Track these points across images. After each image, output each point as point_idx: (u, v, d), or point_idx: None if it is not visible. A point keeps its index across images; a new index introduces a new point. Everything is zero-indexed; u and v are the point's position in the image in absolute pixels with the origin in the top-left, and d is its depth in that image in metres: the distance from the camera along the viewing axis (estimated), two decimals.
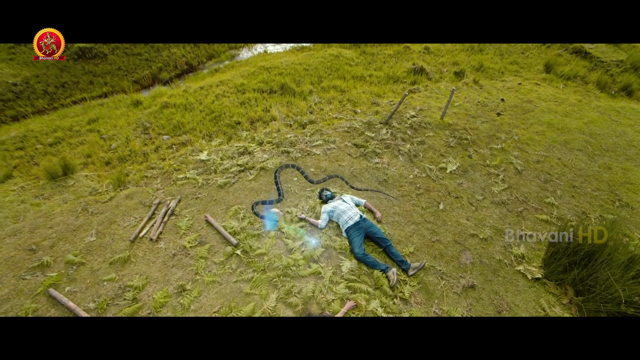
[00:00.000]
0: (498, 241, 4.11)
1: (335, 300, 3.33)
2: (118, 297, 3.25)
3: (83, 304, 3.17)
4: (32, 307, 3.10)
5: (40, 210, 4.19)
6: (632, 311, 3.16)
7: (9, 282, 3.31)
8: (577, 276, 3.52)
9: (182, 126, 6.27)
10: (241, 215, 4.18)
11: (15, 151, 5.98)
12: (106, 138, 6.12)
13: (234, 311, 3.15)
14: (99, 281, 3.38)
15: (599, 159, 5.44)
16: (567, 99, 7.04)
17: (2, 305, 3.11)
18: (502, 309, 3.45)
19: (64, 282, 3.36)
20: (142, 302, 3.21)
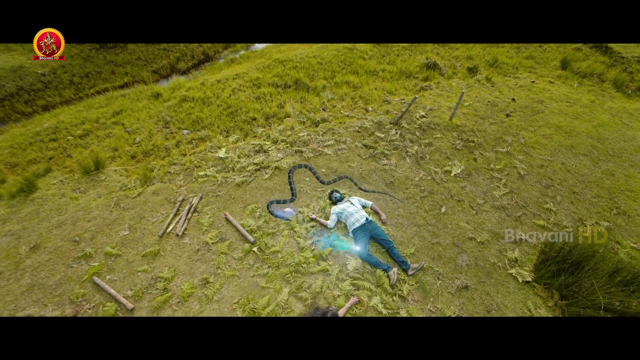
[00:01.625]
0: (494, 245, 4.41)
1: (340, 296, 3.74)
2: (151, 286, 3.74)
3: (122, 291, 3.68)
4: (80, 292, 3.63)
5: (79, 203, 4.68)
6: (610, 315, 3.47)
7: (60, 269, 3.83)
8: (563, 282, 3.82)
9: (200, 121, 6.62)
10: (257, 214, 4.58)
11: (50, 142, 6.47)
12: (130, 131, 6.53)
13: (251, 303, 3.61)
14: (134, 272, 3.87)
15: (603, 164, 5.57)
16: (580, 99, 7.04)
17: (57, 289, 3.64)
18: (492, 308, 3.81)
19: (104, 271, 3.87)
20: (172, 292, 3.70)
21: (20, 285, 3.66)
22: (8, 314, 3.39)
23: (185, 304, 3.61)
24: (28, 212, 4.49)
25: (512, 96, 7.03)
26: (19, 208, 4.54)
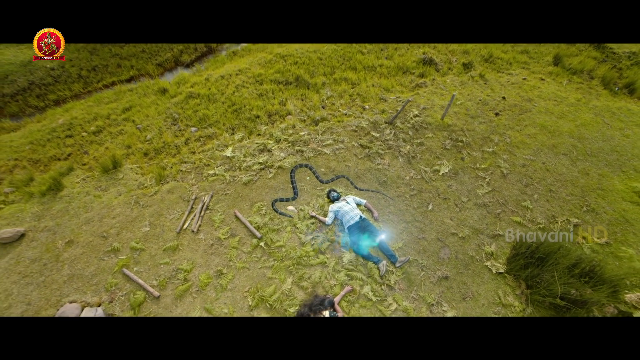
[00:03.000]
0: (474, 240, 4.97)
1: (336, 285, 4.35)
2: (173, 277, 4.34)
3: (148, 281, 4.28)
4: (113, 281, 4.23)
5: (102, 201, 5.21)
6: (564, 303, 4.06)
7: (93, 261, 4.42)
8: (530, 274, 4.40)
9: (207, 118, 7.03)
10: (263, 211, 5.12)
11: (66, 139, 6.91)
12: (141, 128, 6.96)
13: (260, 291, 4.21)
14: (157, 264, 4.46)
15: (580, 164, 6.03)
16: (567, 97, 7.40)
17: (93, 279, 4.24)
18: (467, 296, 4.42)
19: (131, 263, 4.45)
20: (191, 282, 4.30)
21: (61, 275, 4.25)
22: (55, 301, 4.01)
23: (203, 292, 4.21)
24: (59, 209, 5.03)
25: (503, 94, 7.38)
26: (50, 205, 5.08)
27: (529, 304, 4.31)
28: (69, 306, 3.93)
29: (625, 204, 5.39)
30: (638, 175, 5.85)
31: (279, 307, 4.08)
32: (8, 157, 6.40)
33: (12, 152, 6.55)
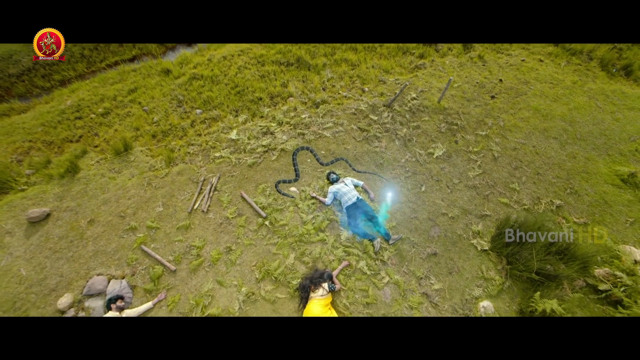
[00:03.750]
0: (463, 219, 5.38)
1: (334, 260, 4.81)
2: (187, 253, 4.80)
3: (165, 256, 4.74)
4: (133, 257, 4.69)
5: (117, 183, 5.58)
6: (538, 277, 4.52)
7: (114, 239, 4.86)
8: (511, 251, 4.84)
9: (211, 100, 7.24)
10: (267, 192, 5.49)
11: (76, 121, 7.18)
12: (148, 110, 7.20)
13: (266, 265, 4.68)
14: (172, 241, 4.90)
15: (569, 147, 6.31)
16: (564, 80, 7.53)
17: (115, 255, 4.71)
18: (453, 270, 4.89)
19: (149, 240, 4.90)
20: (203, 258, 4.76)
21: (87, 251, 4.71)
22: (84, 273, 4.49)
23: (215, 267, 4.69)
24: (77, 190, 5.42)
25: (501, 76, 7.52)
26: (69, 187, 5.46)
27: (507, 278, 4.79)
28: (97, 278, 4.42)
29: (607, 186, 5.73)
30: (623, 158, 6.15)
31: (283, 280, 4.57)
32: (22, 139, 6.71)
33: (26, 134, 6.84)
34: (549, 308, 4.05)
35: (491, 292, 4.69)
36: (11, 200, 5.17)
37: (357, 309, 4.42)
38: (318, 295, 4.16)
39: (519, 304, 4.59)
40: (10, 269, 4.48)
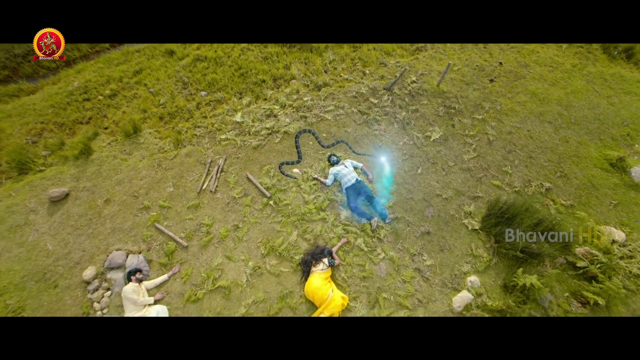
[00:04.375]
0: (456, 200, 5.69)
1: (334, 238, 5.18)
2: (197, 230, 5.17)
3: (177, 233, 5.12)
4: (148, 234, 5.08)
5: (129, 164, 5.88)
6: (522, 255, 4.89)
7: (129, 217, 5.23)
8: (499, 230, 5.19)
9: (215, 83, 7.40)
10: (271, 173, 5.79)
11: (84, 102, 7.38)
12: (154, 92, 7.37)
13: (270, 242, 5.06)
14: (183, 219, 5.27)
15: (563, 131, 6.51)
16: (564, 63, 7.59)
17: (131, 232, 5.09)
18: (445, 248, 5.26)
19: (161, 219, 5.27)
20: (213, 235, 5.14)
21: (105, 228, 5.10)
22: (104, 248, 4.90)
23: (223, 243, 5.08)
24: (92, 171, 5.73)
25: (501, 59, 7.58)
26: (84, 168, 5.77)
27: (495, 256, 5.17)
28: (116, 253, 4.82)
29: (596, 170, 5.99)
30: (614, 143, 6.37)
31: (286, 255, 4.97)
32: (35, 120, 6.96)
33: (37, 116, 7.07)
34: (529, 282, 4.44)
35: (479, 268, 5.09)
36: (32, 181, 5.50)
37: (355, 282, 4.84)
38: (319, 270, 4.56)
39: (503, 279, 4.99)
40: (38, 243, 4.88)
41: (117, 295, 4.61)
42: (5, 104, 7.61)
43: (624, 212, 5.50)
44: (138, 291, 4.42)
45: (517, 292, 4.70)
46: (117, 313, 4.52)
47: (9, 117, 7.10)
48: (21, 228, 5.00)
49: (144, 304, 4.43)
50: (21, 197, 5.30)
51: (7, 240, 4.87)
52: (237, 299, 4.68)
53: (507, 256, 5.10)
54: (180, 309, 4.59)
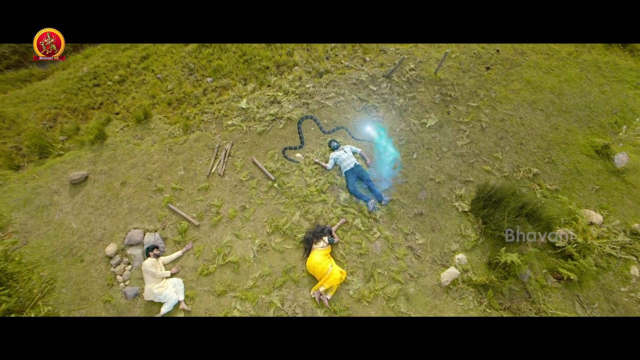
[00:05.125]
0: (448, 184, 6.08)
1: (333, 218, 5.62)
2: (207, 211, 5.61)
3: (189, 214, 5.56)
4: (162, 214, 5.52)
5: (142, 149, 6.26)
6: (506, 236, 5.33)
7: (144, 199, 5.67)
8: (486, 213, 5.60)
9: (221, 69, 7.65)
10: (275, 158, 6.17)
11: (95, 88, 7.67)
12: (161, 78, 7.65)
13: (275, 222, 5.50)
14: (194, 201, 5.70)
15: (553, 119, 6.81)
16: (560, 50, 7.77)
17: (147, 212, 5.54)
18: (436, 228, 5.70)
19: (174, 200, 5.70)
20: (222, 215, 5.58)
21: (123, 208, 5.54)
22: (123, 227, 5.36)
23: (232, 222, 5.53)
24: (108, 155, 6.12)
25: (498, 47, 7.77)
26: (100, 152, 6.16)
27: (481, 236, 5.61)
28: (134, 231, 5.29)
29: (582, 156, 6.34)
30: (601, 130, 6.68)
31: (290, 234, 5.42)
32: (48, 106, 7.29)
33: (50, 101, 7.40)
34: (510, 260, 4.89)
35: (466, 247, 5.54)
36: (52, 164, 5.91)
37: (352, 259, 5.32)
38: (319, 247, 5.03)
39: (488, 257, 5.45)
40: (63, 222, 5.35)
41: (137, 269, 5.11)
42: (19, 89, 7.92)
43: (604, 197, 5.89)
44: (156, 265, 4.90)
45: (499, 268, 5.17)
46: (138, 285, 5.03)
47: (24, 102, 7.43)
48: (47, 208, 5.46)
49: (162, 277, 4.91)
50: (44, 179, 5.73)
51: (35, 219, 5.33)
52: (245, 272, 5.17)
53: (493, 236, 5.54)
54: (194, 282, 5.10)
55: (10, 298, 4.34)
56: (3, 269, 4.50)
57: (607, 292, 5.04)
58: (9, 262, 4.66)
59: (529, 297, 5.14)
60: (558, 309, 5.01)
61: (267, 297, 4.98)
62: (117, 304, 4.90)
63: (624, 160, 6.11)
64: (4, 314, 4.13)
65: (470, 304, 5.14)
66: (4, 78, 8.22)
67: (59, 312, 4.74)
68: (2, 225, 5.21)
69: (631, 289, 5.04)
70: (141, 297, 4.93)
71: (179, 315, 4.81)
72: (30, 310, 4.43)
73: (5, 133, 6.77)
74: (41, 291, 4.72)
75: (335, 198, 5.82)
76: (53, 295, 4.82)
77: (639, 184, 5.96)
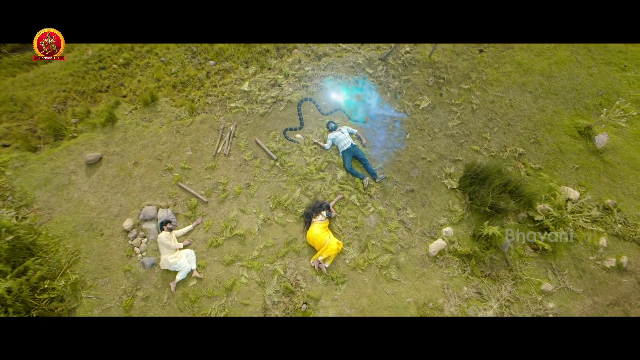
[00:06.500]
0: (438, 163, 6.50)
1: (331, 194, 6.08)
2: (215, 188, 6.07)
3: (198, 191, 6.02)
4: (173, 191, 5.98)
5: (150, 131, 6.63)
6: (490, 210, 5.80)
7: (156, 177, 6.10)
8: (473, 189, 6.06)
9: (222, 52, 7.87)
10: (277, 138, 6.55)
11: (100, 71, 7.92)
12: (165, 61, 7.89)
13: (277, 197, 5.97)
14: (202, 179, 6.14)
15: (541, 101, 7.14)
16: None
17: (158, 190, 5.99)
18: (426, 204, 6.18)
19: (183, 178, 6.14)
20: (228, 192, 6.04)
21: (136, 187, 5.99)
22: (137, 204, 5.83)
23: (237, 199, 5.99)
24: (119, 137, 6.50)
25: None
26: (111, 134, 6.53)
27: (467, 211, 6.10)
28: (148, 208, 5.76)
29: (565, 137, 6.73)
30: (586, 112, 7.03)
31: (291, 209, 5.90)
32: (57, 89, 7.57)
33: (59, 84, 7.67)
34: (491, 232, 5.40)
35: (453, 221, 6.04)
36: (68, 146, 6.30)
37: (348, 231, 5.83)
38: (318, 220, 5.52)
39: (473, 230, 5.96)
40: (82, 200, 5.81)
41: (153, 241, 5.62)
42: (27, 72, 8.17)
43: (583, 175, 6.34)
44: (170, 238, 5.40)
45: (482, 240, 5.68)
46: (153, 256, 5.56)
47: (33, 85, 7.70)
48: (66, 187, 5.90)
49: (176, 249, 5.43)
50: (61, 160, 6.14)
51: (57, 197, 5.79)
52: (250, 244, 5.69)
53: (479, 211, 6.02)
54: (204, 252, 5.62)
55: (42, 267, 4.86)
56: (33, 241, 5.00)
57: (577, 261, 5.60)
58: (37, 236, 5.16)
59: (507, 265, 5.70)
60: (533, 275, 5.57)
61: (271, 265, 5.53)
62: (136, 272, 5.44)
63: (604, 140, 6.50)
64: (40, 280, 4.67)
65: (455, 272, 5.70)
66: (11, 61, 8.42)
67: (85, 279, 5.29)
68: (27, 202, 5.68)
69: (598, 258, 5.58)
70: (157, 267, 5.46)
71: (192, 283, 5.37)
72: (61, 278, 4.97)
73: (19, 116, 7.11)
74: (68, 261, 5.25)
75: (333, 176, 6.26)
76: (79, 265, 5.36)
77: (616, 163, 6.39)
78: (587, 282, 5.57)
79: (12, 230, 4.75)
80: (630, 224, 5.82)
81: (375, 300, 5.40)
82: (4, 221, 4.80)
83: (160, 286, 5.38)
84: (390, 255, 5.72)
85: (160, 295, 5.34)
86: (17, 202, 5.71)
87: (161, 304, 5.29)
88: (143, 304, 5.26)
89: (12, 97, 7.35)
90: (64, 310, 4.90)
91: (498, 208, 5.86)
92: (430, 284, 5.58)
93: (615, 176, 6.31)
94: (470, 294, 5.53)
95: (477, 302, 5.46)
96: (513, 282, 5.58)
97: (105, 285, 5.33)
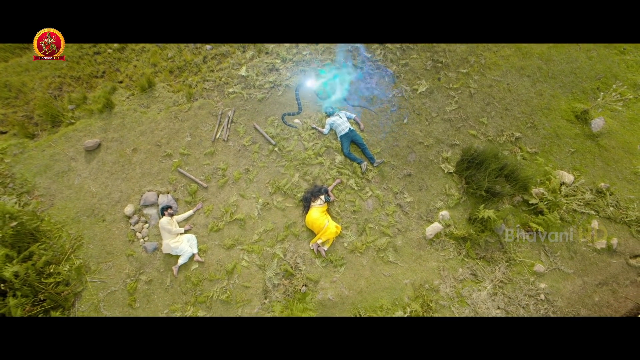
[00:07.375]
0: (435, 148, 6.56)
1: (330, 179, 6.15)
2: (214, 174, 6.12)
3: (197, 176, 6.07)
4: (173, 177, 6.03)
5: (149, 117, 6.61)
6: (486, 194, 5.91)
7: (155, 163, 6.14)
8: (469, 174, 6.15)
9: None
10: (275, 123, 6.56)
11: (95, 56, 7.80)
12: (161, 46, 7.78)
13: (276, 182, 6.04)
14: (202, 165, 6.18)
15: (539, 85, 7.14)
16: None
17: (158, 176, 6.04)
18: (423, 188, 6.28)
19: (183, 164, 6.17)
20: (228, 177, 6.10)
21: (136, 173, 6.03)
22: (138, 190, 5.88)
23: (237, 184, 6.06)
24: (117, 123, 6.49)
25: None
26: (109, 121, 6.51)
27: (464, 194, 6.20)
28: (149, 193, 5.82)
29: (562, 121, 6.77)
30: (584, 96, 7.05)
31: (290, 193, 5.99)
32: (52, 75, 7.47)
33: (53, 70, 7.55)
34: (487, 215, 5.52)
35: (450, 205, 6.15)
36: (66, 132, 6.29)
37: (346, 215, 5.93)
38: (317, 204, 5.61)
39: (469, 214, 6.08)
40: (83, 186, 5.86)
41: (154, 226, 5.72)
42: (19, 57, 8.03)
43: (578, 159, 6.42)
44: (171, 223, 5.49)
45: (477, 223, 5.81)
46: (155, 240, 5.66)
47: (27, 70, 7.59)
48: (66, 174, 5.93)
49: (177, 233, 5.52)
50: (60, 147, 6.14)
51: (57, 184, 5.83)
52: (250, 228, 5.80)
53: (475, 195, 6.13)
54: (205, 237, 5.73)
55: (47, 252, 4.96)
56: (37, 227, 5.07)
57: (569, 243, 5.76)
58: (40, 222, 5.23)
59: (501, 247, 5.85)
60: (526, 257, 5.74)
61: (271, 249, 5.66)
62: (139, 257, 5.55)
63: (599, 124, 6.56)
64: (45, 265, 4.78)
65: (451, 254, 5.86)
66: (3, 46, 8.28)
67: (89, 264, 5.40)
68: (29, 189, 5.72)
69: (589, 240, 5.74)
70: (159, 251, 5.58)
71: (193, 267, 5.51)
72: (65, 263, 5.08)
73: (14, 102, 7.04)
74: (72, 247, 5.34)
75: (331, 161, 6.31)
76: (82, 250, 5.46)
77: (610, 147, 6.47)
78: (578, 263, 5.75)
79: (15, 217, 4.82)
80: (622, 206, 5.96)
81: (372, 282, 5.57)
82: (8, 207, 4.86)
83: (163, 270, 5.51)
84: (388, 238, 5.85)
85: (163, 279, 5.47)
86: (18, 189, 5.75)
87: (164, 287, 5.43)
88: (147, 287, 5.40)
89: (6, 82, 7.26)
90: (70, 294, 5.03)
91: (494, 192, 5.96)
92: (427, 266, 5.74)
93: (610, 160, 6.40)
94: (465, 275, 5.70)
95: (471, 283, 5.64)
96: (507, 263, 5.75)
97: (109, 270, 5.45)
